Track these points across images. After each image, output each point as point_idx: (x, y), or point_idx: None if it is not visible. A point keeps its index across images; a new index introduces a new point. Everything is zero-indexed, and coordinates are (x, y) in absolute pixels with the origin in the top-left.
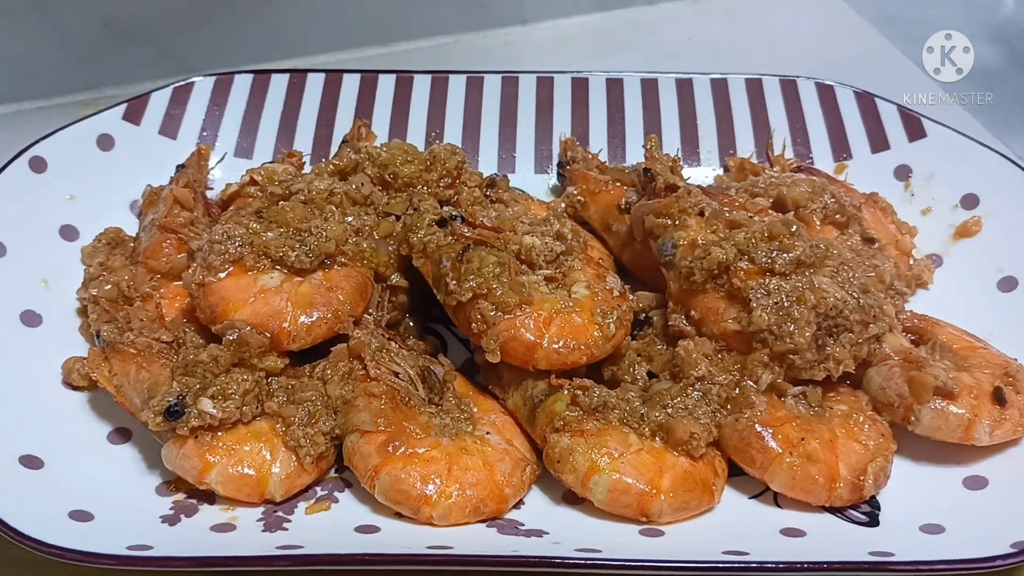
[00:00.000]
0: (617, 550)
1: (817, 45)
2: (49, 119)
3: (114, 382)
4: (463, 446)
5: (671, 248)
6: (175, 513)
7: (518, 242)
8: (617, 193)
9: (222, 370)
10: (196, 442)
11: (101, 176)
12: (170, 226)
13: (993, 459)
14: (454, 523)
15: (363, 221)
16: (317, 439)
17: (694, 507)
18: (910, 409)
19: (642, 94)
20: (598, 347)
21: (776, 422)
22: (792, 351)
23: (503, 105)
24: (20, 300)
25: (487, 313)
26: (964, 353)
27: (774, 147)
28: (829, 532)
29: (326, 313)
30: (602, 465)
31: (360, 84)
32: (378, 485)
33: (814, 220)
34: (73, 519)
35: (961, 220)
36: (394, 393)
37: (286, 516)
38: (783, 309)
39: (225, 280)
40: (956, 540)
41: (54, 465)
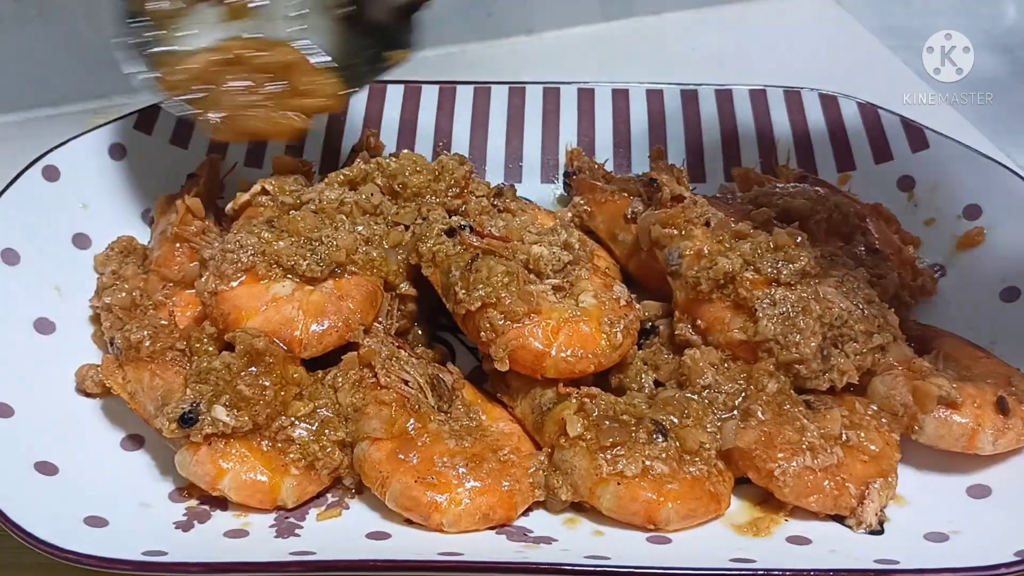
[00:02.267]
0: (625, 557)
1: (820, 55)
2: (59, 127)
3: (128, 389)
4: (472, 453)
5: (677, 258)
6: (188, 519)
7: (526, 251)
8: (623, 203)
9: (235, 377)
10: (209, 448)
11: (114, 185)
12: (182, 235)
13: (997, 468)
14: (464, 530)
15: (373, 230)
16: (333, 453)
17: (701, 514)
18: (914, 418)
19: (647, 104)
20: (605, 356)
21: (781, 432)
22: (797, 361)
23: (510, 115)
24: (34, 308)
25: (496, 322)
26: (967, 363)
27: (778, 158)
28: (834, 540)
29: (337, 322)
30: (609, 474)
31: (368, 94)
32: (389, 492)
33: (818, 231)
34: (88, 524)
35: (964, 230)
36: (404, 401)
37: (298, 522)
38: (789, 319)
39: (237, 289)
40: (960, 548)
41: (69, 471)
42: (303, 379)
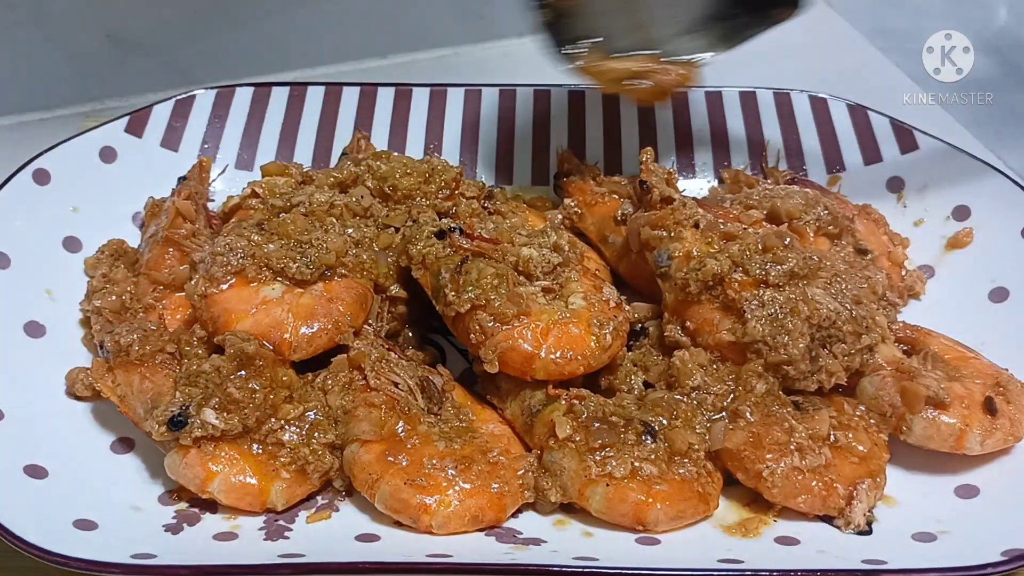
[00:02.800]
0: (614, 558)
1: (812, 56)
2: (51, 131)
3: (118, 392)
4: (462, 455)
5: (667, 259)
6: (178, 522)
7: (516, 254)
8: (613, 205)
9: (224, 380)
10: (199, 451)
11: (104, 188)
12: (172, 238)
13: (984, 468)
14: (453, 532)
15: (363, 233)
16: (324, 456)
17: (690, 515)
18: (902, 419)
19: (637, 107)
20: (595, 357)
21: (769, 432)
22: (786, 362)
23: (501, 118)
24: (24, 311)
25: (485, 324)
26: (956, 363)
27: (768, 159)
28: (823, 540)
29: (327, 324)
30: (598, 475)
31: (360, 97)
32: (378, 494)
33: (808, 232)
34: (77, 528)
35: (953, 231)
36: (394, 403)
37: (287, 525)
38: (777, 320)
39: (227, 291)
40: (948, 548)
41: (58, 474)
42: (293, 382)
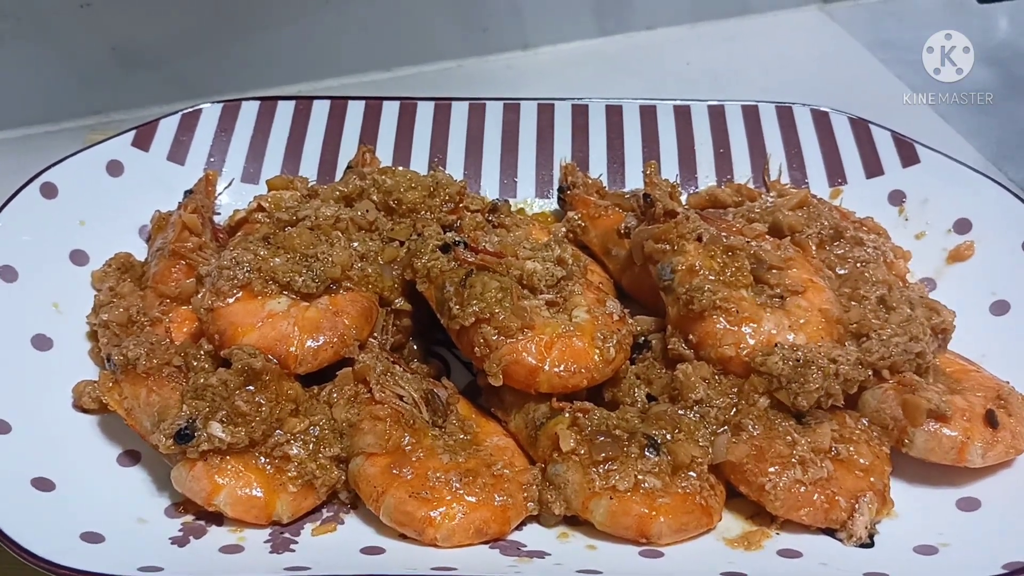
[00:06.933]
0: (617, 571)
1: (813, 68)
2: (57, 144)
3: (124, 405)
4: (466, 468)
5: (670, 273)
6: (184, 535)
7: (520, 267)
8: (617, 218)
9: (231, 393)
10: (205, 464)
11: (111, 202)
12: (179, 251)
13: (986, 481)
14: (457, 544)
15: (368, 247)
16: (331, 470)
17: (693, 528)
18: (904, 432)
19: (641, 120)
20: (598, 370)
21: (772, 445)
22: (792, 403)
23: (504, 131)
24: (31, 324)
25: (490, 337)
26: (957, 376)
27: (770, 173)
28: (825, 553)
29: (332, 337)
30: (601, 488)
31: (364, 111)
32: (383, 507)
33: (810, 245)
34: (84, 540)
35: (954, 244)
36: (399, 416)
37: (293, 537)
38: (800, 367)
39: (233, 305)
40: (949, 561)
41: (65, 487)
42: (299, 395)
